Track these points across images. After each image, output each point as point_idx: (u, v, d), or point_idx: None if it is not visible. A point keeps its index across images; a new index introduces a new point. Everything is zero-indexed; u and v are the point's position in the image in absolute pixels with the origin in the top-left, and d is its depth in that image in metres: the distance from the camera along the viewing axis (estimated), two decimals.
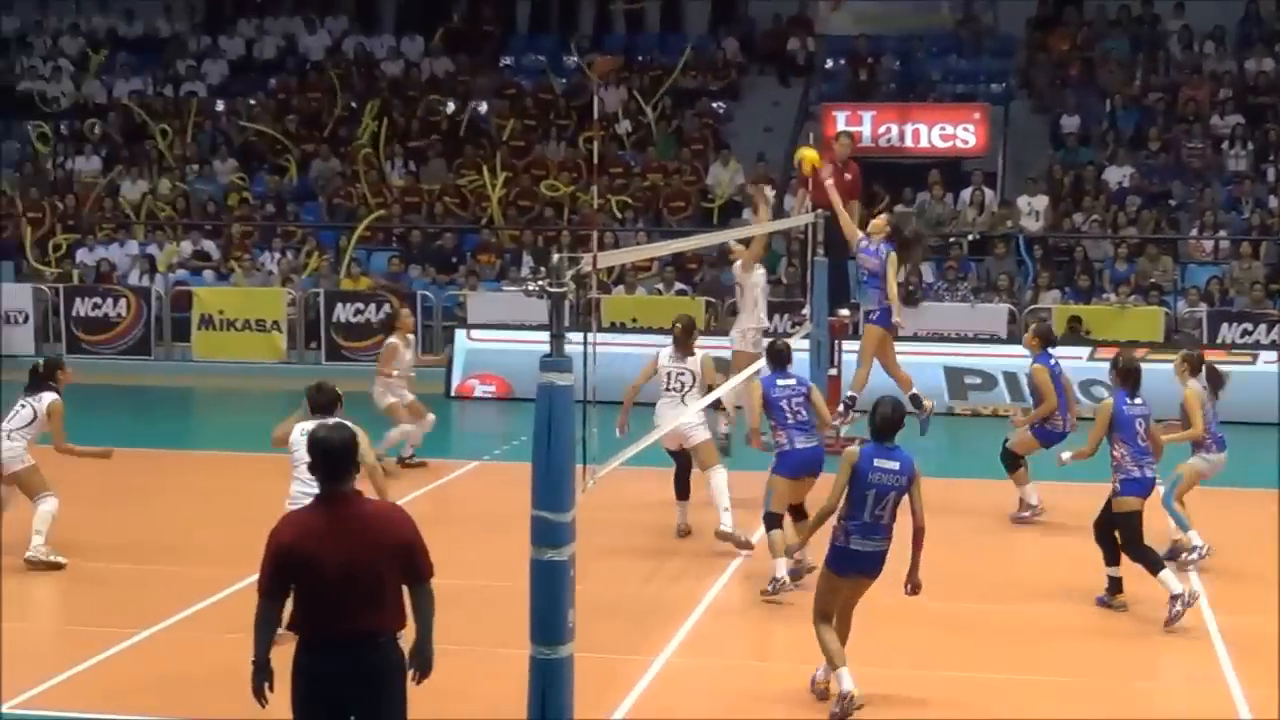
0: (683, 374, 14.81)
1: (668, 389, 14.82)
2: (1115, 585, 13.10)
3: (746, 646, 11.99)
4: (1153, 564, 12.72)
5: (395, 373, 18.25)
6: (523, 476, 9.06)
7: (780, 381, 13.46)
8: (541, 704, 8.70)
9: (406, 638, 7.64)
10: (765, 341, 15.99)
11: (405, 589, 7.57)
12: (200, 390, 26.27)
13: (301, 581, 7.45)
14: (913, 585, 10.55)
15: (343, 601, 7.38)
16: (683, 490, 15.18)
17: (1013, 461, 16.06)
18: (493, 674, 10.06)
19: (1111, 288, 26.02)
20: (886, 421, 10.43)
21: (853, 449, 10.55)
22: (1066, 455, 13.48)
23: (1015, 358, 23.17)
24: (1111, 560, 13.07)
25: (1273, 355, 23.12)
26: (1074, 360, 22.86)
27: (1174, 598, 12.46)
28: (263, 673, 7.64)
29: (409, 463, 18.44)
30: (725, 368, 16.40)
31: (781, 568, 12.96)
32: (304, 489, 11.72)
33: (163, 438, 21.33)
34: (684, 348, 14.84)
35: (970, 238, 27.95)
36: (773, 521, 13.15)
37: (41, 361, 14.84)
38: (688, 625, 12.43)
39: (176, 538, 14.94)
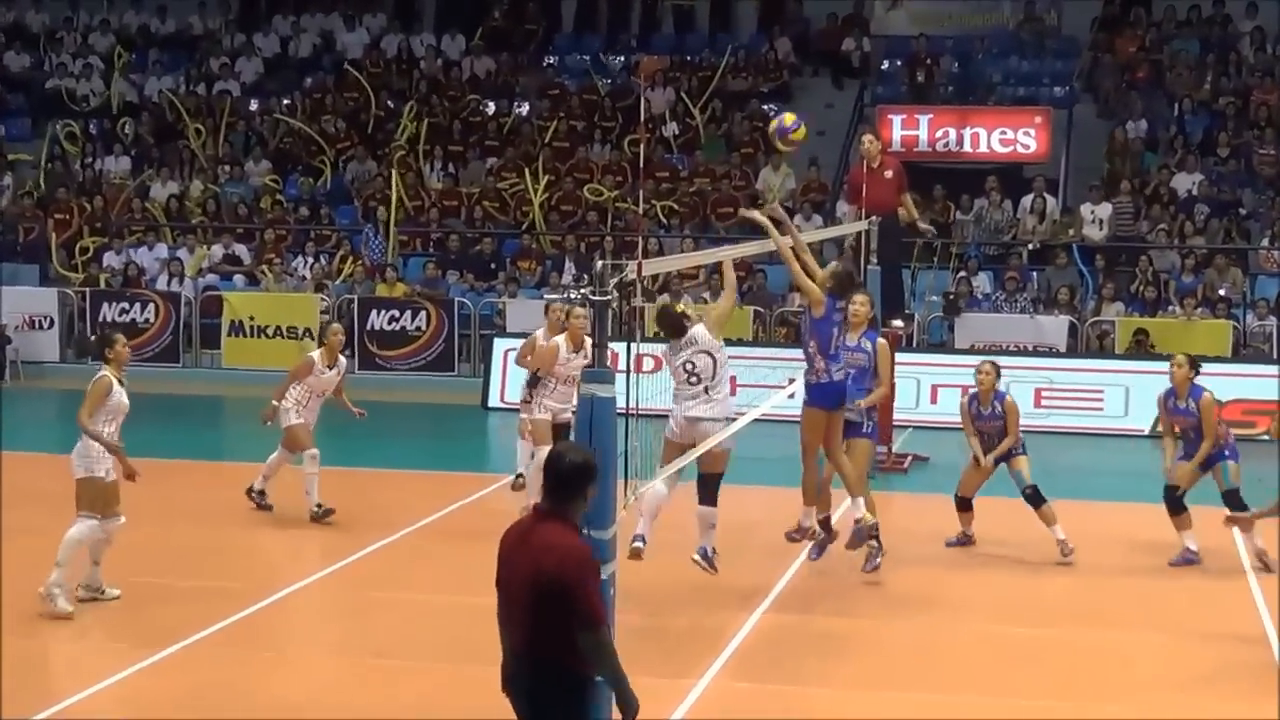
0: None
1: None
2: None
3: (791, 672, 11.91)
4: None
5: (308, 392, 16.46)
6: None
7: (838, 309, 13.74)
8: None
9: None
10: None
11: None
12: (230, 399, 26.32)
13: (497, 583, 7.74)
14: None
15: (503, 613, 7.66)
16: None
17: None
18: None
19: (1177, 300, 25.86)
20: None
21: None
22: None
23: (1076, 372, 23.15)
24: None
25: None
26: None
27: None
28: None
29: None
30: None
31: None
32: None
33: (190, 448, 21.36)
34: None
35: (1030, 247, 27.85)
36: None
37: (94, 336, 14.48)
38: (731, 648, 12.37)
39: (202, 552, 14.95)
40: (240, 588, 13.50)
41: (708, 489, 13.36)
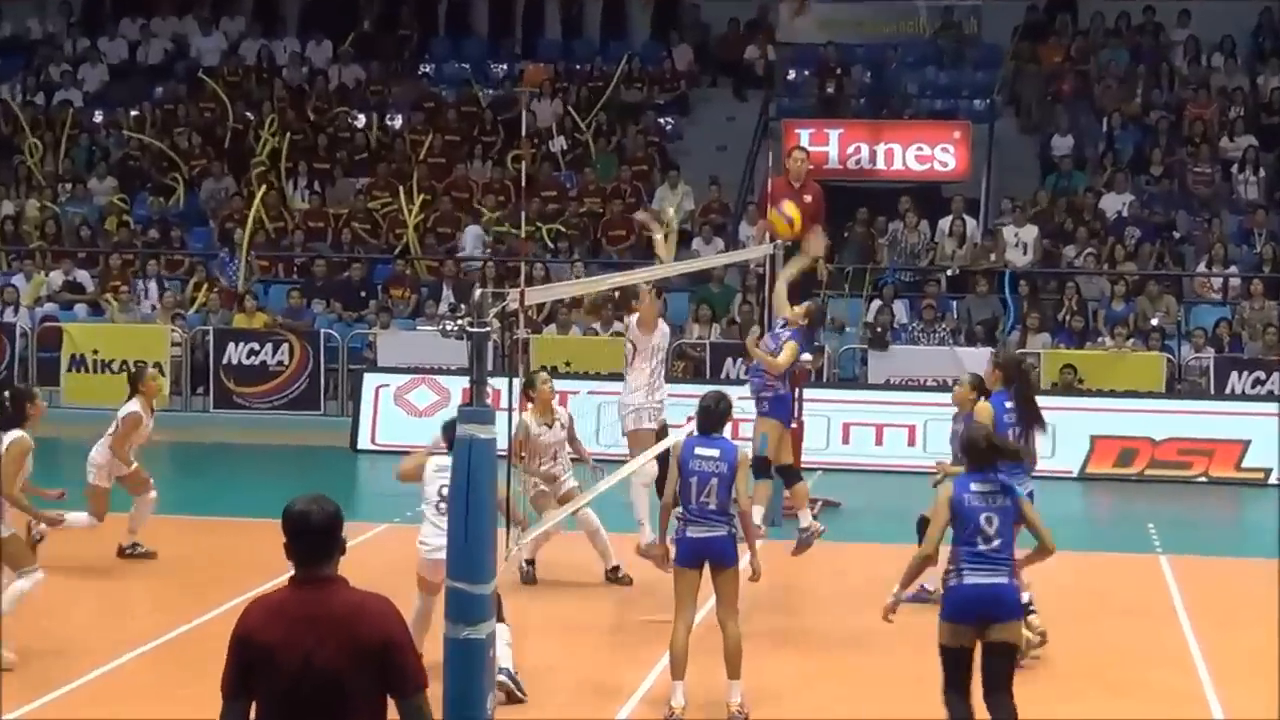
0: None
1: None
2: None
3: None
4: None
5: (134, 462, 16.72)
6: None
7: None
8: None
9: None
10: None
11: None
12: (69, 441, 25.95)
13: (259, 680, 6.97)
14: (752, 571, 12.36)
15: (301, 708, 6.91)
16: None
17: None
18: None
19: (1107, 330, 26.10)
20: (709, 415, 12.19)
21: (678, 441, 12.52)
22: None
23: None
24: None
25: None
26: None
27: None
28: None
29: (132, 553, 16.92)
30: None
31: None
32: (435, 529, 12.41)
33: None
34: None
35: (949, 273, 28.03)
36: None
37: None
38: (638, 695, 12.48)
39: (31, 610, 14.72)
40: (86, 645, 13.36)
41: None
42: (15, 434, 13.62)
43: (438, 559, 12.79)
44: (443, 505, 12.64)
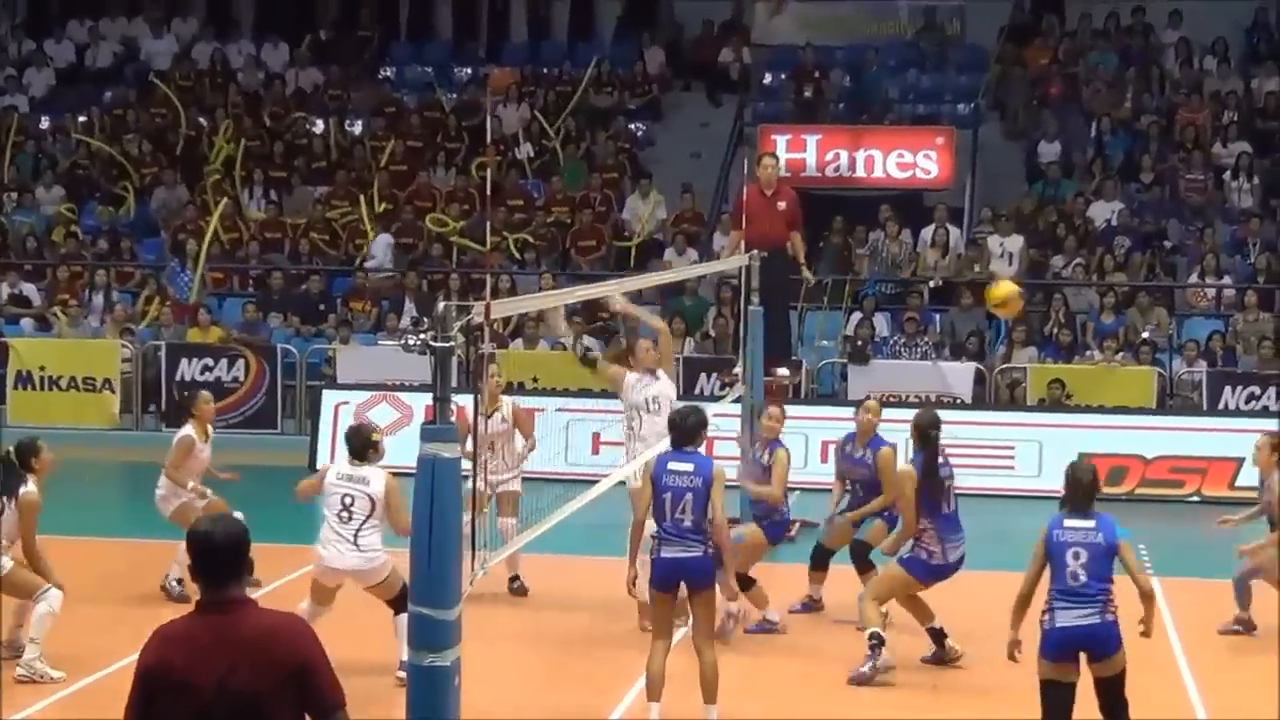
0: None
1: None
2: None
3: None
4: None
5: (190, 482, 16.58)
6: (401, 564, 9.05)
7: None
8: None
9: None
10: None
11: None
12: None
13: (167, 711, 6.93)
14: (727, 592, 12.48)
15: None
16: None
17: None
18: None
19: (1096, 344, 26.16)
20: (680, 429, 12.24)
21: (651, 458, 12.62)
22: None
23: (983, 426, 23.34)
24: None
25: None
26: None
27: None
28: None
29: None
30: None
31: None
32: (333, 536, 13.20)
33: None
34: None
35: (932, 285, 28.04)
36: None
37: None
38: None
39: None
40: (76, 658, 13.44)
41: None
42: (25, 488, 13.92)
43: (327, 567, 13.14)
44: (344, 514, 13.07)
